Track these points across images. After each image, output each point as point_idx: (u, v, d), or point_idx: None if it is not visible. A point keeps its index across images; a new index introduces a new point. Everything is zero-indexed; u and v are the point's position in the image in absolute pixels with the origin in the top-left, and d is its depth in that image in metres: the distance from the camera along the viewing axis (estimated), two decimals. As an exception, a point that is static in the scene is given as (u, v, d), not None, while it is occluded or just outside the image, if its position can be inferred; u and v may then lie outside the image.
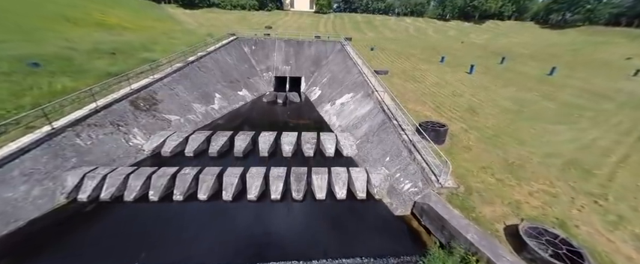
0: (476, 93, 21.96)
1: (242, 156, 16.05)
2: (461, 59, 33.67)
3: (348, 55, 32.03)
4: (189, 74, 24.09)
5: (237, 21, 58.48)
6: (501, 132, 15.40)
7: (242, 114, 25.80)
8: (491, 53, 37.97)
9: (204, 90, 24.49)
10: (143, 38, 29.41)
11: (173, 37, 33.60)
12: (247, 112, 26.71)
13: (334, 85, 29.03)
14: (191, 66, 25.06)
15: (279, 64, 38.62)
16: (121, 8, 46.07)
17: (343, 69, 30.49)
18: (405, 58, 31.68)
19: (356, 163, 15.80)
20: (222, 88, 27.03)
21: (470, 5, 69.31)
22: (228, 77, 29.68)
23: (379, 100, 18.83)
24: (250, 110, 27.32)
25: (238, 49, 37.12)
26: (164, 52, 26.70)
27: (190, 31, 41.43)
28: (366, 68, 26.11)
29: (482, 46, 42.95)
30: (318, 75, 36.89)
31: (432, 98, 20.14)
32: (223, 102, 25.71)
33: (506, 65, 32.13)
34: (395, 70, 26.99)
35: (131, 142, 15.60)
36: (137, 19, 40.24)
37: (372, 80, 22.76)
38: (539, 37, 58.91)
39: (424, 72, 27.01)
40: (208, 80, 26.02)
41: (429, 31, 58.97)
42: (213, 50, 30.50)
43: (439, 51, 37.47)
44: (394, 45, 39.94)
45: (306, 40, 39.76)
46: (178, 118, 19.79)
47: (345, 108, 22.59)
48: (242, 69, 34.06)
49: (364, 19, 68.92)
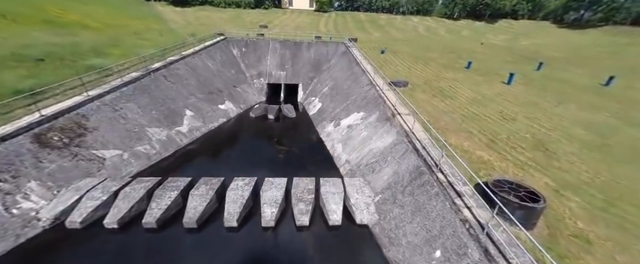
0: (530, 114, 15.82)
1: (195, 227, 9.97)
2: (489, 64, 27.45)
3: (355, 60, 25.85)
4: (149, 87, 17.95)
5: (230, 20, 52.21)
6: (612, 194, 9.29)
7: (220, 137, 19.66)
8: (520, 57, 31.74)
9: (169, 107, 18.37)
10: (102, 39, 23.26)
11: (144, 37, 27.44)
12: (227, 133, 20.57)
13: (338, 98, 22.86)
14: (154, 75, 18.91)
15: (272, 68, 32.45)
16: (99, 5, 39.90)
17: (349, 77, 24.31)
18: (423, 64, 25.50)
19: (377, 239, 9.74)
20: (196, 103, 20.89)
21: (482, 3, 62.82)
22: (208, 87, 23.53)
23: (405, 129, 12.70)
24: (232, 131, 21.16)
25: (225, 52, 30.93)
26: (123, 56, 20.57)
27: (171, 30, 35.24)
28: (378, 78, 19.94)
29: (506, 49, 36.69)
30: (318, 82, 30.71)
31: (478, 125, 14.00)
32: (196, 121, 19.59)
33: (545, 72, 25.92)
34: (415, 80, 20.83)
35: (16, 208, 9.52)
36: (110, 17, 34.05)
37: (390, 96, 16.60)
38: (561, 38, 52.53)
39: (452, 82, 20.84)
40: (177, 93, 19.88)
41: (441, 31, 52.59)
42: (190, 53, 24.33)
43: (460, 54, 31.25)
44: (407, 47, 33.71)
45: (304, 41, 33.59)
46: (119, 153, 13.68)
47: (354, 133, 16.44)
48: (227, 76, 27.89)
49: (368, 17, 62.54)
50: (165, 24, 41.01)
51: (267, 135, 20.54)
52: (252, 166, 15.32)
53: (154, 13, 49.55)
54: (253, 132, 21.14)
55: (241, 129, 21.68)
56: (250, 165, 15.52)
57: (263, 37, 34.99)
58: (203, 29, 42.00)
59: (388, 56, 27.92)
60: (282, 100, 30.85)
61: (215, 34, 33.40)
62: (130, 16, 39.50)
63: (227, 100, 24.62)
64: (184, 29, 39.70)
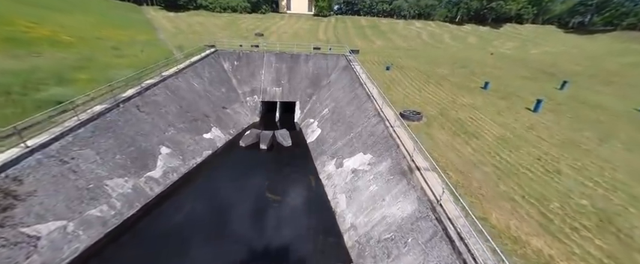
0: (575, 162, 12.72)
1: None
2: (506, 83, 24.33)
3: (358, 78, 22.68)
4: (116, 123, 14.77)
5: (225, 26, 48.83)
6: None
7: (200, 179, 16.52)
8: (537, 71, 28.61)
9: (139, 146, 15.21)
10: (70, 59, 20.02)
11: (123, 53, 24.16)
12: (211, 172, 17.40)
13: (339, 126, 19.72)
14: (124, 107, 15.73)
15: (267, 84, 29.26)
16: (81, 13, 36.64)
17: (352, 100, 21.15)
18: (435, 84, 22.36)
19: None
20: (175, 136, 17.72)
21: (487, 7, 59.49)
22: (192, 113, 20.36)
23: (429, 197, 9.61)
24: (216, 168, 18.01)
25: (215, 67, 27.72)
26: (91, 82, 17.37)
27: (157, 42, 31.94)
28: (386, 106, 16.77)
29: (519, 61, 33.53)
30: (317, 101, 27.54)
31: (519, 184, 10.90)
32: (173, 160, 16.44)
33: (570, 92, 22.82)
34: (429, 109, 17.71)
35: None
36: (89, 28, 30.72)
37: (403, 136, 13.47)
38: (572, 44, 49.40)
39: (471, 111, 17.72)
40: (152, 126, 16.70)
41: (446, 38, 49.28)
42: (172, 74, 21.12)
43: (472, 69, 28.10)
44: (413, 60, 30.52)
45: (302, 54, 30.38)
46: (62, 224, 10.54)
47: (361, 183, 13.34)
48: (216, 96, 24.70)
49: (369, 22, 59.17)
50: (153, 33, 37.68)
51: (257, 174, 17.41)
52: (231, 235, 12.30)
53: (144, 19, 46.19)
54: (242, 169, 17.98)
55: (228, 165, 18.55)
56: (229, 232, 12.50)
57: (257, 49, 31.77)
58: (194, 39, 38.71)
59: (394, 74, 24.74)
60: (278, 120, 27.73)
61: (205, 47, 30.14)
62: (113, 25, 36.13)
63: (214, 127, 21.45)
64: (173, 39, 36.42)
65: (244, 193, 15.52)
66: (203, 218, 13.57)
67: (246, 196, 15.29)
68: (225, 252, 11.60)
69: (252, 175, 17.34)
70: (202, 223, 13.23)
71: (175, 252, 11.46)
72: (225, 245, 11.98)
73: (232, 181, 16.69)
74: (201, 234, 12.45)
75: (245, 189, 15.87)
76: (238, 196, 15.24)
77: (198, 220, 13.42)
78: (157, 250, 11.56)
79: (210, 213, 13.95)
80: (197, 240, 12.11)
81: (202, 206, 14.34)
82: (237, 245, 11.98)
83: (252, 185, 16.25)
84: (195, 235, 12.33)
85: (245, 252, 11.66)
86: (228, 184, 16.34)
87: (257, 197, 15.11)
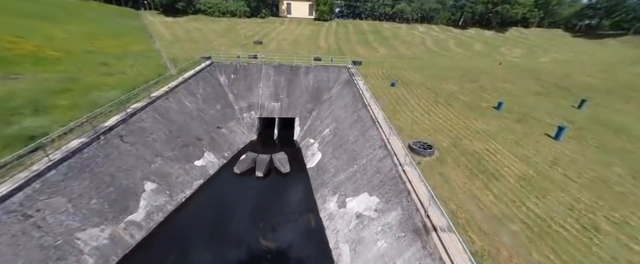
0: (611, 212, 10.96)
1: None
2: (520, 100, 22.49)
3: (361, 96, 20.92)
4: (94, 160, 13.13)
5: (223, 33, 47.06)
6: None
7: (188, 219, 14.87)
8: (551, 85, 26.69)
9: (120, 185, 13.58)
10: (52, 81, 18.35)
11: (112, 70, 22.48)
12: (199, 208, 15.75)
13: (341, 153, 18.00)
14: (105, 139, 14.09)
15: (265, 99, 27.57)
16: (73, 22, 34.97)
17: (355, 122, 19.41)
18: (444, 104, 20.56)
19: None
20: (162, 167, 16.08)
21: (492, 11, 57.29)
22: (182, 137, 18.72)
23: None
24: (207, 202, 16.35)
25: (210, 82, 26.04)
26: (73, 109, 15.79)
27: (151, 53, 30.23)
28: (393, 136, 15.00)
29: (529, 71, 31.58)
30: (318, 118, 25.83)
31: (554, 249, 9.18)
32: (159, 197, 14.81)
33: (590, 112, 20.97)
34: (441, 138, 15.94)
35: None
36: (80, 39, 29.08)
37: (414, 180, 11.74)
38: (581, 50, 47.32)
39: (487, 140, 15.95)
40: (136, 159, 15.07)
41: (451, 45, 47.24)
42: (161, 95, 19.45)
43: (482, 84, 26.24)
44: (418, 73, 28.67)
45: (302, 66, 28.67)
46: (17, 299, 8.96)
47: (366, 234, 11.65)
48: (210, 114, 23.03)
49: (371, 27, 57.14)
50: (148, 43, 35.98)
51: (251, 210, 15.72)
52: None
53: (140, 26, 44.49)
54: (234, 204, 16.30)
55: (219, 197, 16.88)
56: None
57: (256, 59, 30.07)
58: (190, 48, 37.06)
59: (400, 91, 22.94)
60: (276, 138, 26.05)
61: (200, 59, 28.44)
62: (108, 34, 34.48)
63: (207, 151, 19.81)
64: (169, 49, 34.76)
65: (235, 237, 13.86)
66: (188, 246, 11.96)
67: (237, 242, 13.61)
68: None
69: (245, 211, 15.67)
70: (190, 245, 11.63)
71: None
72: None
73: (223, 218, 15.03)
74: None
75: (236, 232, 14.20)
76: (228, 242, 13.58)
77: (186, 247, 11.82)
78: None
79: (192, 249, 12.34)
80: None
81: (187, 258, 12.70)
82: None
83: (244, 227, 14.57)
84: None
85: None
86: (218, 224, 14.66)
87: (249, 245, 13.41)
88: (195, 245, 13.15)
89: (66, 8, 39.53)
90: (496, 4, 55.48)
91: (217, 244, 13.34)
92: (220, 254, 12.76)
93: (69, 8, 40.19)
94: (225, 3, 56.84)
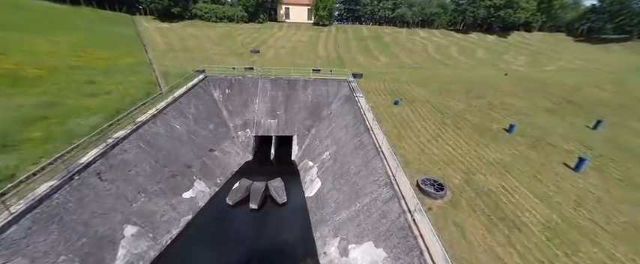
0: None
1: None
2: (532, 120, 20.93)
3: (363, 118, 19.33)
4: (65, 207, 11.51)
5: (219, 40, 45.28)
6: None
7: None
8: (562, 100, 25.11)
9: (95, 234, 11.97)
10: (28, 106, 16.64)
11: (97, 91, 20.71)
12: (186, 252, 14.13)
13: (343, 184, 16.42)
14: (80, 179, 12.47)
15: (261, 116, 25.94)
16: (63, 32, 33.20)
17: (357, 148, 17.81)
18: (452, 127, 18.98)
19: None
20: (145, 205, 14.49)
21: (494, 16, 55.55)
22: (170, 167, 17.10)
23: None
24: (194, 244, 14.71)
25: (203, 99, 24.39)
26: (46, 142, 14.16)
27: (140, 67, 28.47)
28: (399, 171, 13.44)
29: (537, 83, 29.97)
30: (317, 136, 24.23)
31: None
32: (141, 242, 13.22)
33: (607, 134, 19.44)
34: (452, 173, 14.35)
35: None
36: (69, 51, 27.39)
37: (425, 233, 10.17)
38: (587, 57, 45.73)
39: (502, 174, 14.38)
40: (116, 198, 13.46)
41: (453, 52, 45.52)
42: (148, 119, 17.80)
43: (489, 99, 24.65)
44: (423, 87, 27.02)
45: (300, 79, 27.07)
46: None
47: (372, 296, 10.14)
48: (202, 136, 21.42)
49: (371, 32, 55.37)
50: (140, 53, 34.21)
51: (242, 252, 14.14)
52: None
53: (133, 34, 42.65)
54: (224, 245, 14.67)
55: (209, 237, 15.26)
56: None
57: (252, 71, 28.44)
58: (184, 58, 35.36)
59: (404, 111, 21.32)
60: (273, 158, 24.46)
61: (193, 73, 26.75)
62: (98, 44, 32.71)
63: (197, 179, 18.21)
64: (162, 59, 33.07)
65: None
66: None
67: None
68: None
69: (236, 253, 14.11)
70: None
71: None
72: None
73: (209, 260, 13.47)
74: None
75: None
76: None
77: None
78: None
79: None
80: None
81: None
82: None
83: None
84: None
85: None
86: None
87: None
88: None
89: (54, 16, 37.69)
90: (498, 8, 53.81)
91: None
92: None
93: (58, 16, 38.34)
94: (222, 8, 55.02)
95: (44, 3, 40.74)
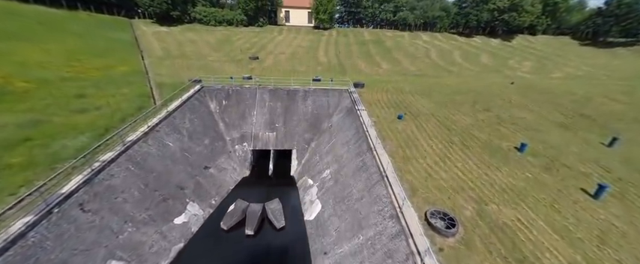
0: None
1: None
2: (543, 137, 19.74)
3: (366, 136, 18.20)
4: (41, 246, 10.42)
5: (218, 45, 44.16)
6: None
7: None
8: (573, 113, 23.88)
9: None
10: (12, 126, 15.55)
11: (87, 105, 19.63)
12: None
13: (344, 209, 15.31)
14: (58, 212, 11.41)
15: (259, 128, 24.83)
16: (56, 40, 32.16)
17: (359, 170, 16.67)
18: (460, 146, 17.83)
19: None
20: (132, 236, 13.41)
21: (498, 19, 54.15)
22: (161, 190, 16.03)
23: None
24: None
25: (198, 111, 23.29)
26: (26, 169, 13.13)
27: (135, 76, 27.38)
28: (406, 202, 12.33)
29: (545, 93, 28.72)
30: (317, 151, 23.12)
31: None
32: (127, 280, 12.16)
33: (623, 152, 18.21)
34: (463, 203, 13.22)
35: None
36: (62, 60, 26.42)
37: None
38: (593, 63, 44.36)
39: (516, 204, 13.25)
40: (99, 231, 12.38)
41: (457, 57, 44.23)
42: (139, 138, 16.71)
43: (497, 112, 23.46)
44: (427, 98, 25.82)
45: (299, 89, 25.95)
46: None
47: None
48: (197, 152, 20.33)
49: (372, 36, 54.12)
50: (136, 61, 33.12)
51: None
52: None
53: (130, 39, 41.56)
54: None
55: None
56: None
57: (250, 81, 27.35)
58: (182, 65, 34.29)
59: (409, 127, 20.16)
60: (271, 173, 23.37)
61: (189, 83, 25.63)
62: (93, 51, 31.68)
63: (191, 202, 17.14)
64: (158, 67, 32.01)
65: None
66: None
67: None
68: None
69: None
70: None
71: None
72: None
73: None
74: None
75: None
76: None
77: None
78: None
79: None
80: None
81: None
82: None
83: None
84: None
85: None
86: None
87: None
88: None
89: (50, 22, 36.56)
90: (503, 11, 52.42)
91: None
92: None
93: (53, 22, 37.22)
94: (221, 11, 53.83)
95: (40, 8, 39.62)
